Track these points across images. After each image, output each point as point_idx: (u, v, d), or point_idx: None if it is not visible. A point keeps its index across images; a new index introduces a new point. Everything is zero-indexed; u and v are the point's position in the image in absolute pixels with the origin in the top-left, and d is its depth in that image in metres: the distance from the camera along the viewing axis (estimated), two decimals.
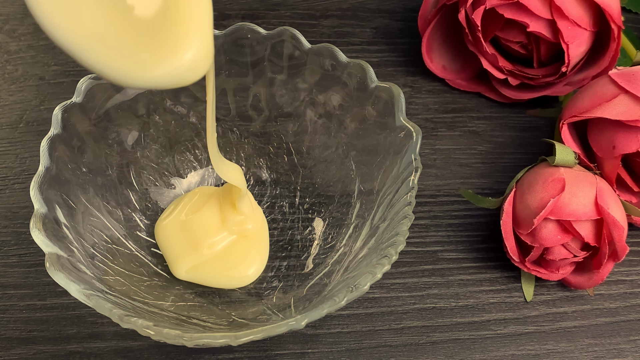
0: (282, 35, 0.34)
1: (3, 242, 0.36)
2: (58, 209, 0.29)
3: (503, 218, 0.33)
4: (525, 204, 0.33)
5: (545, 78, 0.41)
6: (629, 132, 0.33)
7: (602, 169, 0.35)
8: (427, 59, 0.43)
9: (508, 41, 0.40)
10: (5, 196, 0.37)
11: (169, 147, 0.36)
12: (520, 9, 0.37)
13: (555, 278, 0.34)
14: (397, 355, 0.33)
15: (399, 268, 0.35)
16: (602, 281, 0.33)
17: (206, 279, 0.33)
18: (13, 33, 0.46)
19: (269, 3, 0.49)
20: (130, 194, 0.34)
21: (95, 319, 0.33)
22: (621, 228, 0.31)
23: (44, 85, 0.43)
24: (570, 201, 0.31)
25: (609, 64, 0.39)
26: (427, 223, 0.37)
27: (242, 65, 0.35)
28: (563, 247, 0.32)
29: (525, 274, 0.35)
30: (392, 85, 0.32)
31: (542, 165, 0.34)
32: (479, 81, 0.44)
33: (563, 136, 0.35)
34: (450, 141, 0.41)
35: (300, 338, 0.33)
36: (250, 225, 0.34)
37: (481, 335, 0.34)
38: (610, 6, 0.37)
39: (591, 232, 0.32)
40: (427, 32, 0.42)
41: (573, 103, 0.35)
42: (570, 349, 0.33)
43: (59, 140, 0.30)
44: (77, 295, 0.25)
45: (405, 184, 0.30)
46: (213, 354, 0.32)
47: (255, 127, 0.37)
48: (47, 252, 0.26)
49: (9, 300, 0.34)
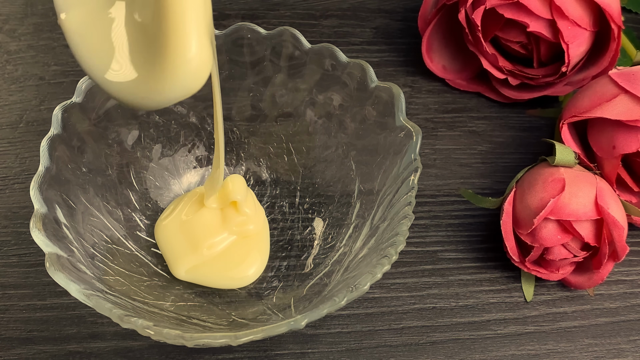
0: (282, 35, 0.34)
1: (3, 242, 0.36)
2: (58, 209, 0.29)
3: (503, 218, 0.33)
4: (525, 204, 0.33)
5: (545, 78, 0.41)
6: (629, 132, 0.33)
7: (602, 169, 0.35)
8: (427, 59, 0.43)
9: (508, 41, 0.40)
10: (5, 196, 0.37)
11: (169, 147, 0.36)
12: (520, 9, 0.37)
13: (556, 278, 0.34)
14: (397, 355, 0.33)
15: (399, 268, 0.35)
16: (602, 281, 0.33)
17: (206, 279, 0.33)
18: (13, 33, 0.46)
19: (269, 3, 0.49)
20: (130, 194, 0.34)
21: (95, 319, 0.33)
22: (621, 228, 0.31)
23: (44, 85, 0.43)
24: (570, 201, 0.31)
25: (609, 64, 0.39)
26: (427, 223, 0.37)
27: (242, 65, 0.35)
28: (563, 247, 0.32)
29: (525, 274, 0.35)
30: (392, 85, 0.32)
31: (542, 165, 0.34)
32: (479, 81, 0.44)
33: (563, 136, 0.35)
34: (450, 141, 0.41)
35: (300, 338, 0.33)
36: (252, 226, 0.34)
37: (481, 335, 0.34)
38: (610, 6, 0.37)
39: (591, 232, 0.32)
40: (427, 32, 0.42)
41: (573, 103, 0.35)
42: (570, 349, 0.33)
43: (59, 140, 0.30)
44: (77, 295, 0.25)
45: (405, 184, 0.30)
46: (213, 354, 0.32)
47: (255, 127, 0.37)
48: (47, 252, 0.26)
49: (9, 300, 0.34)
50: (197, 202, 0.35)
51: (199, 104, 0.36)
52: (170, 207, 0.35)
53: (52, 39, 0.46)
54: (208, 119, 0.36)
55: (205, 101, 0.36)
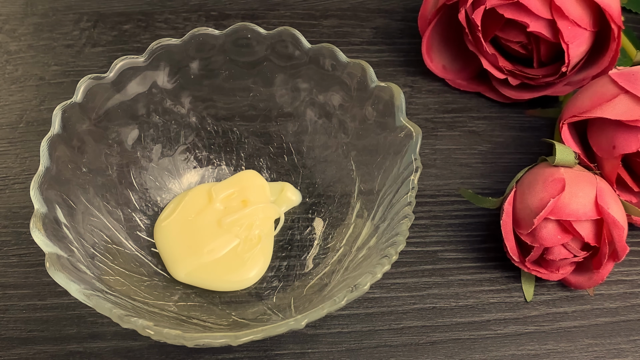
0: (282, 35, 0.34)
1: (3, 242, 0.36)
2: (58, 209, 0.29)
3: (503, 218, 0.33)
4: (525, 204, 0.33)
5: (545, 78, 0.41)
6: (629, 132, 0.33)
7: (602, 169, 0.35)
8: (427, 59, 0.43)
9: (508, 41, 0.40)
10: (5, 196, 0.37)
11: (169, 147, 0.36)
12: (520, 9, 0.37)
13: (556, 278, 0.34)
14: (397, 355, 0.33)
15: (399, 268, 0.35)
16: (602, 281, 0.33)
17: (206, 282, 0.33)
18: (13, 33, 0.46)
19: (269, 3, 0.49)
20: (130, 194, 0.34)
21: (95, 319, 0.33)
22: (621, 228, 0.31)
23: (44, 85, 0.43)
24: (570, 201, 0.31)
25: (609, 64, 0.39)
26: (427, 223, 0.37)
27: (242, 65, 0.35)
28: (563, 247, 0.32)
29: (525, 274, 0.35)
30: (392, 85, 0.32)
31: (542, 165, 0.34)
32: (479, 81, 0.44)
33: (563, 136, 0.35)
34: (450, 141, 0.41)
35: (300, 338, 0.33)
36: (258, 231, 0.34)
37: (481, 335, 0.34)
38: (611, 6, 0.37)
39: (591, 232, 0.32)
40: (427, 32, 0.42)
41: (573, 103, 0.35)
42: (570, 349, 0.33)
43: (59, 140, 0.30)
44: (77, 295, 0.25)
45: (405, 184, 0.30)
46: (213, 354, 0.32)
47: (255, 127, 0.37)
48: (47, 252, 0.26)
49: (9, 300, 0.34)
50: (199, 203, 0.35)
51: (199, 104, 0.36)
52: (170, 206, 0.35)
53: (52, 39, 0.46)
54: (208, 119, 0.36)
55: (205, 101, 0.36)
